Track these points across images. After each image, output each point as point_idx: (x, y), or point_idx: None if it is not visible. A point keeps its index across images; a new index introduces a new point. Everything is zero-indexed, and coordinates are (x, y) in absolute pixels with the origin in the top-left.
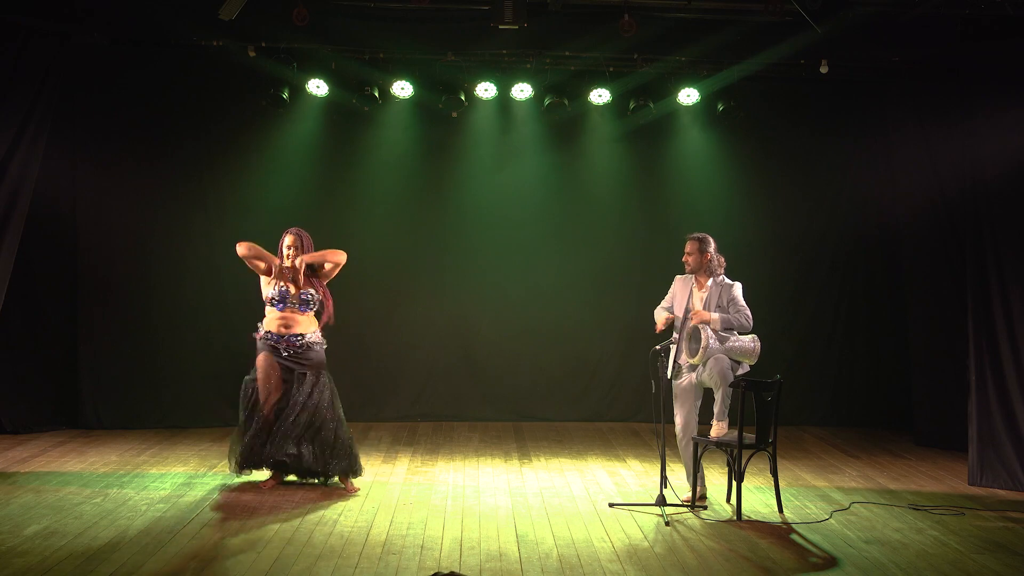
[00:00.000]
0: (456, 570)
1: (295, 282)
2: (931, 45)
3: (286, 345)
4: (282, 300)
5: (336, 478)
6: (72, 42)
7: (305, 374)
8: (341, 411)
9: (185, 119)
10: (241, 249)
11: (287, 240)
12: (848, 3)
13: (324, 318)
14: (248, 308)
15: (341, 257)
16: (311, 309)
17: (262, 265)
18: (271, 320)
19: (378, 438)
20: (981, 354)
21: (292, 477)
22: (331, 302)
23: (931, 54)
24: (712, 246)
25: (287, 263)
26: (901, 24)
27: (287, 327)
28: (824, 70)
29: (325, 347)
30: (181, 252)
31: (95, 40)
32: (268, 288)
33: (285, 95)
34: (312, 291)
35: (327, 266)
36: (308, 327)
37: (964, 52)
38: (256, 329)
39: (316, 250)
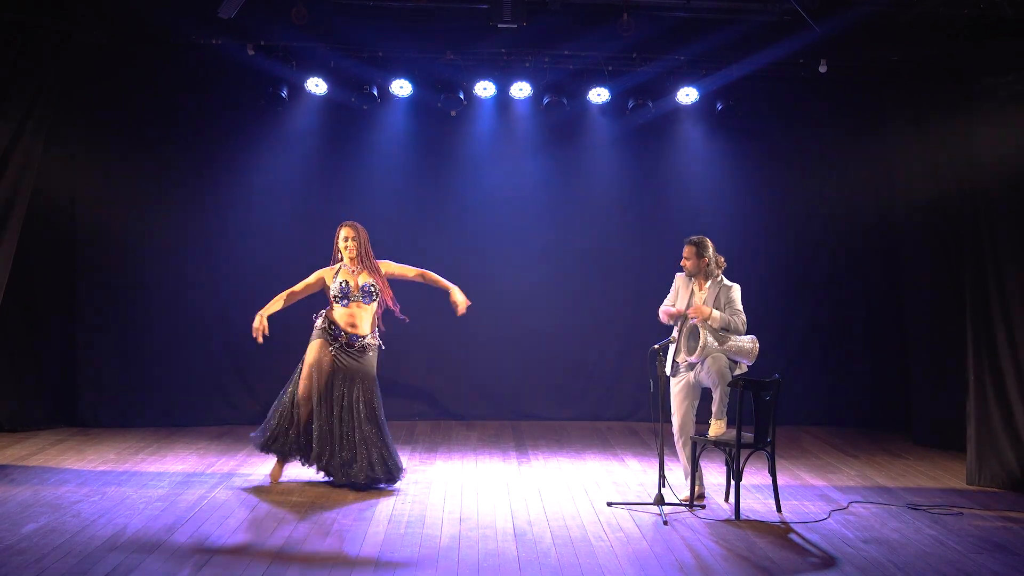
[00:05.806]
0: (454, 569)
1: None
2: (931, 45)
3: (346, 341)
4: (344, 296)
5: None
6: (72, 41)
7: (353, 382)
8: (385, 425)
9: (184, 117)
10: (280, 304)
11: (343, 232)
12: (848, 3)
13: (381, 309)
14: (247, 306)
15: (409, 273)
16: (374, 300)
17: (313, 288)
18: (339, 314)
19: None
20: (980, 354)
21: (308, 472)
22: (389, 292)
23: (931, 54)
24: (710, 249)
25: (347, 257)
26: (901, 24)
27: (352, 325)
28: (823, 69)
29: (382, 347)
30: (180, 250)
31: (95, 39)
32: (332, 287)
33: (284, 94)
34: (372, 283)
35: (398, 272)
36: (369, 326)
37: (964, 52)
38: (318, 316)
39: (370, 241)
